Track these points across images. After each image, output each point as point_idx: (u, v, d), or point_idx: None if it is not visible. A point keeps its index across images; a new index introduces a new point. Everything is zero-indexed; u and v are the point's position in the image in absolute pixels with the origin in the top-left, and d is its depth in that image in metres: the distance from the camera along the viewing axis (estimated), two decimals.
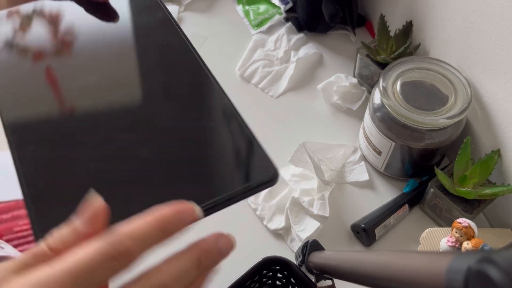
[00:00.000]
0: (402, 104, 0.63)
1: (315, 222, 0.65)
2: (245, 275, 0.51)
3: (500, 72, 0.60)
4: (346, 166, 0.76)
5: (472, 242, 0.55)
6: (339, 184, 0.73)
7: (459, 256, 0.22)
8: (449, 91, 0.65)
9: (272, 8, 1.02)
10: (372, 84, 0.84)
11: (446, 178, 0.64)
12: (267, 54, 0.93)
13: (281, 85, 0.88)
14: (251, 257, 0.54)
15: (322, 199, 0.67)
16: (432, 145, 0.65)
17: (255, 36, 0.97)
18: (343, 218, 0.70)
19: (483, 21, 0.62)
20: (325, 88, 0.85)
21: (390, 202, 0.69)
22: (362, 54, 0.82)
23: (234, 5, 1.06)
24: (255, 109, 0.85)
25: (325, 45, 0.96)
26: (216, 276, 0.58)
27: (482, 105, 0.66)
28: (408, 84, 0.66)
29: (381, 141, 0.68)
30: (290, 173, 0.73)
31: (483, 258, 0.20)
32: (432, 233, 0.62)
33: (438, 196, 0.65)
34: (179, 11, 1.03)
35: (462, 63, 0.69)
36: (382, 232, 0.67)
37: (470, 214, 0.61)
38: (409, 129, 0.64)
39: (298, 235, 0.65)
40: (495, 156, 0.62)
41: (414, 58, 0.69)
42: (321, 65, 0.93)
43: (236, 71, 0.91)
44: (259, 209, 0.70)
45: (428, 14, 0.76)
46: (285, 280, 0.57)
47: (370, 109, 0.69)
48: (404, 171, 0.72)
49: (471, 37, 0.65)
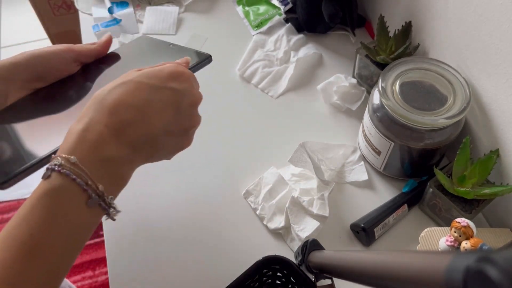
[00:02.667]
0: (401, 104, 0.63)
1: (315, 221, 0.65)
2: (245, 274, 0.51)
3: (499, 72, 0.60)
4: (345, 166, 0.76)
5: (471, 242, 0.55)
6: (339, 184, 0.74)
7: (458, 256, 0.22)
8: (448, 91, 0.65)
9: (272, 9, 1.02)
10: (372, 84, 0.84)
11: (445, 178, 0.64)
12: (267, 54, 0.93)
13: (281, 85, 0.89)
14: (251, 256, 0.54)
15: (321, 199, 0.67)
16: (431, 145, 0.65)
17: (255, 36, 0.97)
18: (343, 217, 0.70)
19: (482, 21, 0.62)
20: (325, 88, 0.85)
21: (389, 201, 0.70)
22: (361, 55, 0.82)
23: (234, 6, 1.06)
24: (255, 109, 0.85)
25: (325, 45, 0.97)
26: (216, 275, 0.59)
27: (481, 105, 0.66)
28: (407, 84, 0.66)
29: (380, 141, 0.68)
30: (290, 173, 0.73)
31: (482, 257, 0.20)
32: (431, 233, 0.62)
33: (437, 196, 0.65)
34: (180, 11, 1.03)
35: (461, 63, 0.69)
36: (381, 232, 0.67)
37: (469, 214, 0.62)
38: (408, 129, 0.64)
39: (298, 235, 0.65)
40: (494, 156, 0.63)
41: (414, 59, 0.69)
42: (321, 65, 0.93)
43: (236, 71, 0.91)
44: (259, 209, 0.70)
45: (427, 15, 0.76)
46: (284, 280, 0.57)
47: (370, 109, 0.69)
48: (403, 171, 0.72)
49: (471, 38, 0.66)
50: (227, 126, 0.82)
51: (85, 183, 0.33)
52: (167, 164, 0.78)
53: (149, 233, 0.68)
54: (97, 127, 0.35)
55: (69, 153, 0.34)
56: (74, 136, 0.35)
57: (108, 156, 0.35)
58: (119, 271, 0.64)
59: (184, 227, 0.69)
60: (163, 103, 0.38)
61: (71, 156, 0.33)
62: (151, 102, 0.37)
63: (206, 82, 0.91)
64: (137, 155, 0.37)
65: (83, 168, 0.34)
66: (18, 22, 2.41)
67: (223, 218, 0.70)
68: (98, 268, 1.41)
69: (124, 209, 0.71)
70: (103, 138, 0.35)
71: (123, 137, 0.36)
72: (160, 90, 0.38)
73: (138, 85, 0.37)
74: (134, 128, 0.36)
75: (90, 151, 0.34)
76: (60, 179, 0.33)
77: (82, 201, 0.34)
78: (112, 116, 0.36)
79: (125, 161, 0.37)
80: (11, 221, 0.32)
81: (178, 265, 0.65)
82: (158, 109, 0.37)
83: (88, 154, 0.34)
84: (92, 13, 1.02)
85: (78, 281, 1.38)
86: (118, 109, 0.36)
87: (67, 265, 0.34)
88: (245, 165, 0.76)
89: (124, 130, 0.36)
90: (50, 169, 0.33)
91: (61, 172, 0.33)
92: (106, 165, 0.35)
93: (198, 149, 0.79)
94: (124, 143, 0.36)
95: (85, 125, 0.35)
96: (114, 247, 0.67)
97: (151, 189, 0.73)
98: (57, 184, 0.33)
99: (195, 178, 0.75)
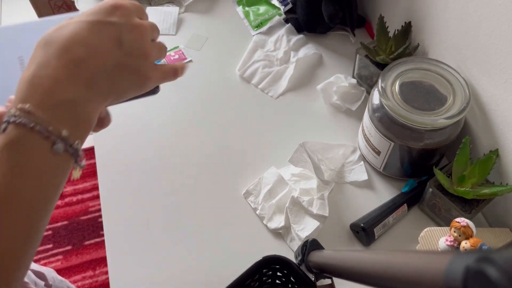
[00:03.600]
0: (401, 104, 0.63)
1: (315, 221, 0.66)
2: (245, 274, 0.52)
3: (499, 72, 0.61)
4: (345, 166, 0.76)
5: (471, 242, 0.55)
6: (339, 184, 0.74)
7: (457, 256, 0.22)
8: (448, 92, 0.65)
9: (272, 9, 1.02)
10: (372, 84, 0.84)
11: (445, 178, 0.64)
12: (267, 54, 0.93)
13: (281, 86, 0.89)
14: (251, 256, 0.54)
15: (321, 199, 0.67)
16: (431, 145, 0.65)
17: (255, 37, 0.97)
18: (343, 217, 0.70)
19: (482, 21, 0.62)
20: (325, 89, 0.85)
21: (389, 201, 0.70)
22: (361, 55, 0.82)
23: (234, 6, 1.06)
24: (255, 109, 0.85)
25: (325, 45, 0.97)
26: (216, 275, 0.59)
27: (481, 105, 0.66)
28: (407, 84, 0.66)
29: (380, 141, 0.68)
30: (290, 173, 0.73)
31: (481, 257, 0.20)
32: (431, 233, 0.62)
33: (437, 195, 0.65)
34: (180, 12, 1.03)
35: (461, 64, 0.69)
36: (381, 232, 0.67)
37: (469, 214, 0.62)
38: (408, 129, 0.64)
39: (298, 235, 0.65)
40: (494, 156, 0.63)
41: (413, 59, 0.69)
42: (321, 65, 0.93)
43: (236, 71, 0.91)
44: (259, 209, 0.70)
45: (427, 15, 0.77)
46: (284, 279, 0.57)
47: (369, 109, 0.69)
48: (403, 171, 0.72)
49: (470, 38, 0.66)
50: (227, 126, 0.82)
51: (45, 129, 0.32)
52: (167, 164, 0.78)
53: (149, 233, 0.68)
54: (48, 71, 0.34)
55: (23, 102, 0.32)
56: (25, 84, 0.33)
57: (64, 99, 0.34)
58: (119, 271, 0.64)
59: (184, 227, 0.69)
60: (108, 37, 0.37)
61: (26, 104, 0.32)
62: (95, 37, 0.36)
63: (206, 82, 0.91)
64: (95, 93, 0.36)
65: (41, 114, 0.32)
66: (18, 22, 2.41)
67: (223, 218, 0.70)
68: (99, 268, 1.41)
69: (125, 209, 0.71)
70: (56, 80, 0.34)
71: (76, 76, 0.35)
72: (101, 25, 0.37)
73: (79, 24, 0.36)
74: (85, 65, 0.35)
75: (45, 96, 0.33)
76: (17, 130, 0.31)
77: (46, 149, 0.32)
78: (61, 58, 0.35)
79: (84, 101, 0.35)
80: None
81: (178, 265, 0.65)
82: (103, 44, 0.37)
83: (43, 99, 0.33)
84: None
85: (79, 281, 1.38)
86: (66, 49, 0.35)
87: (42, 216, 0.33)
88: (245, 165, 0.76)
89: (75, 69, 0.35)
90: (5, 122, 0.31)
91: (17, 123, 0.31)
92: (65, 108, 0.34)
93: (198, 149, 0.79)
94: (78, 83, 0.35)
95: (35, 71, 0.34)
96: (114, 247, 0.67)
97: (151, 189, 0.74)
98: (14, 135, 0.31)
99: (195, 178, 0.75)
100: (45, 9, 1.66)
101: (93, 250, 1.45)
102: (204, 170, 0.76)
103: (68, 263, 1.42)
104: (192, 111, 0.85)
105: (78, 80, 0.35)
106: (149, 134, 0.82)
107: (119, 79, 0.38)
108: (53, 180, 0.33)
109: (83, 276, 1.40)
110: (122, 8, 0.39)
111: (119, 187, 0.73)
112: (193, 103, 0.86)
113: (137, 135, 0.81)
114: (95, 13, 0.37)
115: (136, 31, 0.39)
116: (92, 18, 0.37)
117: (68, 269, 1.41)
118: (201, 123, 0.82)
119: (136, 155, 0.78)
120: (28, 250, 0.32)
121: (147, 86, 0.40)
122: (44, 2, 1.63)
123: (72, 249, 1.45)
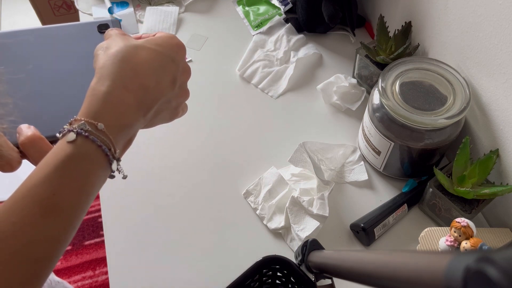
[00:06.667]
0: (401, 104, 0.63)
1: (315, 221, 0.65)
2: (245, 274, 0.52)
3: (499, 72, 0.61)
4: (345, 166, 0.76)
5: (471, 242, 0.55)
6: (339, 184, 0.74)
7: (457, 256, 0.22)
8: (448, 92, 0.65)
9: (272, 9, 1.02)
10: (372, 84, 0.84)
11: (445, 178, 0.64)
12: (267, 54, 0.93)
13: (281, 86, 0.89)
14: (251, 256, 0.54)
15: (321, 199, 0.67)
16: (431, 145, 0.65)
17: (255, 36, 0.97)
18: (343, 217, 0.70)
19: (482, 21, 0.62)
20: (325, 88, 0.85)
21: (389, 201, 0.70)
22: (361, 55, 0.82)
23: (234, 6, 1.06)
24: (255, 109, 0.85)
25: (325, 45, 0.97)
26: (216, 275, 0.59)
27: (481, 105, 0.66)
28: (407, 84, 0.66)
29: (380, 141, 0.68)
30: (290, 173, 0.73)
31: (481, 257, 0.20)
32: (431, 233, 0.62)
33: (437, 195, 0.65)
34: (180, 11, 1.03)
35: (461, 64, 0.69)
36: (381, 232, 0.67)
37: (469, 214, 0.62)
38: (408, 129, 0.64)
39: (298, 235, 0.65)
40: (494, 156, 0.63)
41: (413, 59, 0.69)
42: (321, 65, 0.93)
43: (236, 71, 0.91)
44: (259, 209, 0.70)
45: (427, 15, 0.77)
46: (284, 279, 0.57)
47: (369, 109, 0.69)
48: (403, 171, 0.72)
49: (470, 38, 0.66)
50: (227, 126, 0.82)
51: (108, 149, 0.35)
52: (167, 163, 0.78)
53: (149, 233, 0.68)
54: (122, 93, 0.36)
55: (94, 118, 0.34)
56: (100, 101, 0.35)
57: (128, 123, 0.36)
58: (119, 271, 0.64)
59: (184, 227, 0.69)
60: (169, 74, 0.39)
61: (97, 122, 0.34)
62: (162, 71, 0.38)
63: (206, 82, 0.91)
64: (145, 121, 0.39)
65: (109, 136, 0.34)
66: (18, 22, 2.42)
67: (223, 218, 0.70)
68: (98, 268, 1.41)
69: (124, 209, 0.71)
70: (127, 105, 0.36)
71: (142, 104, 0.37)
72: (169, 60, 0.39)
73: (153, 53, 0.38)
74: (150, 95, 0.37)
75: (116, 119, 0.35)
76: (86, 145, 0.34)
77: (103, 166, 0.35)
78: (134, 80, 0.36)
79: (137, 126, 0.38)
80: (28, 180, 0.33)
81: (178, 265, 0.65)
82: (165, 79, 0.39)
83: (113, 121, 0.35)
84: (92, 13, 1.03)
85: (78, 281, 1.38)
86: (140, 73, 0.37)
87: (79, 222, 0.35)
88: (245, 165, 0.76)
89: (143, 96, 0.37)
90: (76, 132, 0.34)
91: (88, 137, 0.34)
92: (125, 132, 0.37)
93: (198, 149, 0.79)
94: (141, 110, 0.37)
95: (110, 88, 0.35)
96: (114, 247, 0.67)
97: (151, 188, 0.74)
98: (83, 150, 0.33)
99: (195, 178, 0.75)
100: (45, 9, 1.66)
101: (93, 250, 1.45)
102: (204, 170, 0.76)
103: (68, 263, 1.42)
104: (192, 111, 0.85)
105: (142, 107, 0.37)
106: (149, 134, 0.82)
107: (161, 113, 0.41)
108: (97, 190, 0.36)
109: (83, 276, 1.40)
110: (183, 50, 0.41)
111: (119, 187, 0.73)
112: (193, 103, 0.86)
113: (137, 135, 0.81)
114: (165, 46, 0.39)
115: (186, 75, 0.42)
116: (162, 50, 0.39)
117: (68, 269, 1.41)
118: (201, 123, 0.82)
119: (135, 155, 0.78)
120: (58, 258, 0.33)
121: (171, 121, 0.44)
122: (44, 2, 1.63)
123: (72, 249, 1.45)
